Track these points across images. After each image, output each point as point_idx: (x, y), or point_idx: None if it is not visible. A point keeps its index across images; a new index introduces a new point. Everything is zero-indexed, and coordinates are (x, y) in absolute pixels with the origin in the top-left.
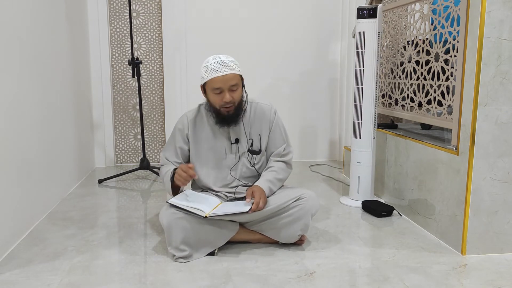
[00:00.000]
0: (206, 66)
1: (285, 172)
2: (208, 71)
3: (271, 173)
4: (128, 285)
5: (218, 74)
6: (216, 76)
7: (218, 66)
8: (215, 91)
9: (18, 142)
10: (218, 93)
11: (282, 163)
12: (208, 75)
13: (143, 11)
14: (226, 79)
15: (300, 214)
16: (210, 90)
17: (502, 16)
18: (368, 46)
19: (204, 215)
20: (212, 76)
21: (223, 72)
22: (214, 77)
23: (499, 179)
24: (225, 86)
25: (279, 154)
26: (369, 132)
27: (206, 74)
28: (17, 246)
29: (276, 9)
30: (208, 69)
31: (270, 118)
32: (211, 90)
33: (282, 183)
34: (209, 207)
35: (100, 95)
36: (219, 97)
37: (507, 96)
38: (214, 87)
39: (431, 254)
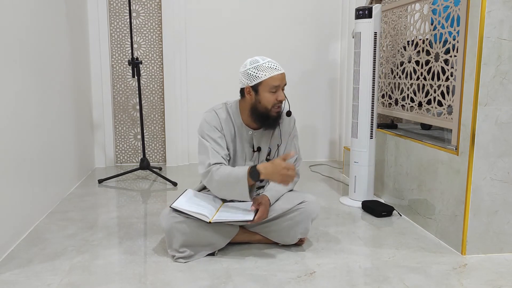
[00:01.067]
0: (258, 65)
1: (293, 183)
2: (264, 70)
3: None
4: (128, 285)
5: (278, 72)
6: (276, 74)
7: (274, 64)
8: (272, 90)
9: (18, 142)
10: (274, 91)
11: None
12: (266, 73)
13: (143, 11)
14: (283, 77)
15: (300, 218)
16: (266, 89)
17: (502, 16)
18: (364, 46)
19: (208, 220)
20: (272, 74)
21: (281, 70)
22: (274, 75)
23: (499, 179)
24: (282, 83)
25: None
26: (366, 132)
27: (261, 73)
28: (17, 246)
29: (276, 9)
30: (263, 67)
31: (290, 129)
32: (268, 88)
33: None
34: (211, 211)
35: (100, 95)
36: (273, 96)
37: (507, 96)
38: (273, 85)
39: (431, 254)
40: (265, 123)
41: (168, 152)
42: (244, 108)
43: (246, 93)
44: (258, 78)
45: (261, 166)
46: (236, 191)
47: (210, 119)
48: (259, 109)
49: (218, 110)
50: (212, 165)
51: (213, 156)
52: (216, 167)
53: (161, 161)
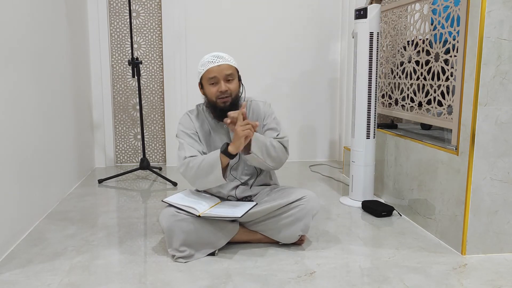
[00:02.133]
0: (201, 62)
1: (280, 151)
2: (203, 65)
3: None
4: (128, 285)
5: (213, 64)
6: (212, 66)
7: (213, 58)
8: (210, 82)
9: (18, 142)
10: (214, 83)
11: (280, 144)
12: (204, 67)
13: (143, 11)
14: (221, 69)
15: (300, 215)
16: (206, 83)
17: (502, 16)
18: (360, 46)
19: (197, 214)
20: (208, 67)
21: (217, 63)
22: (209, 68)
23: (499, 179)
24: (220, 75)
25: (274, 136)
26: (362, 131)
27: (201, 68)
28: (17, 246)
29: (276, 9)
30: (203, 62)
31: (264, 111)
32: (207, 81)
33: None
34: (205, 207)
35: (100, 95)
36: (215, 88)
37: (507, 96)
38: (210, 77)
39: (431, 254)
40: (221, 114)
41: (168, 152)
42: None
43: (200, 90)
44: (200, 74)
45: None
46: (211, 175)
47: (183, 121)
48: (210, 102)
49: (191, 112)
50: (187, 158)
51: (188, 150)
52: (192, 158)
53: (161, 161)
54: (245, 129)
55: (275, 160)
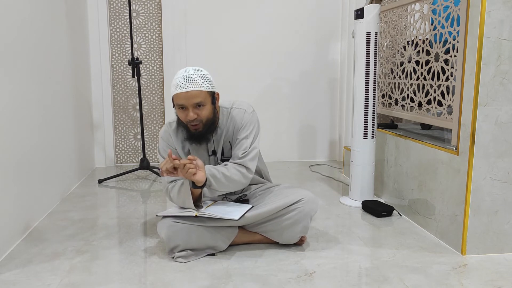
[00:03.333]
0: (174, 78)
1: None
2: (173, 85)
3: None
4: (128, 285)
5: (181, 90)
6: (179, 91)
7: (182, 81)
8: (179, 107)
9: (18, 142)
10: (182, 109)
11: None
12: (173, 89)
13: (143, 11)
14: (188, 96)
15: (299, 217)
16: (176, 105)
17: (502, 16)
18: (358, 46)
19: (194, 214)
20: (175, 92)
21: (186, 89)
22: (177, 93)
23: (499, 179)
24: (188, 103)
25: (237, 156)
26: (359, 131)
27: (172, 88)
28: (17, 246)
29: (276, 9)
30: (174, 83)
31: (242, 122)
32: (176, 105)
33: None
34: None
35: (100, 95)
36: (184, 114)
37: (507, 96)
38: (178, 103)
39: (431, 254)
40: (192, 138)
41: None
42: None
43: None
44: (171, 92)
45: None
46: (186, 204)
47: (162, 135)
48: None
49: (171, 123)
50: (168, 184)
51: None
52: (171, 185)
53: None
54: (185, 171)
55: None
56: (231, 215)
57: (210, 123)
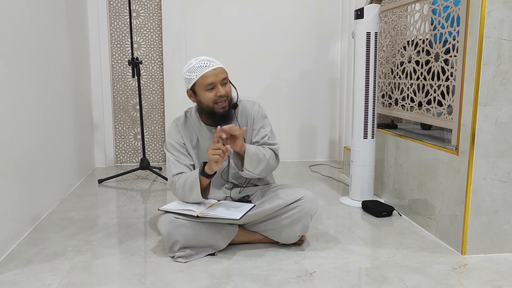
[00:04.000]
0: (190, 67)
1: (272, 161)
2: (195, 70)
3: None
4: (128, 285)
5: (208, 69)
6: (207, 71)
7: (205, 62)
8: (207, 87)
9: (18, 142)
10: (211, 88)
11: (271, 151)
12: (197, 73)
13: (143, 11)
14: (217, 73)
15: (299, 216)
16: (201, 89)
17: (502, 16)
18: (358, 46)
19: (195, 214)
20: (202, 72)
21: (212, 67)
22: (205, 73)
23: (499, 179)
24: (217, 79)
25: (264, 143)
26: (360, 131)
27: (193, 73)
28: (17, 246)
29: (276, 9)
30: (194, 68)
31: (254, 113)
32: (203, 87)
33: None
34: (201, 208)
35: (100, 95)
36: (212, 93)
37: (507, 96)
38: (207, 83)
39: (431, 254)
40: (216, 120)
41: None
42: (199, 109)
43: (189, 97)
44: (192, 80)
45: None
46: (193, 193)
47: (169, 131)
48: (205, 109)
49: (178, 119)
50: (174, 176)
51: (174, 166)
52: (177, 177)
53: (161, 161)
54: (214, 153)
55: (267, 171)
56: (232, 215)
57: (231, 101)
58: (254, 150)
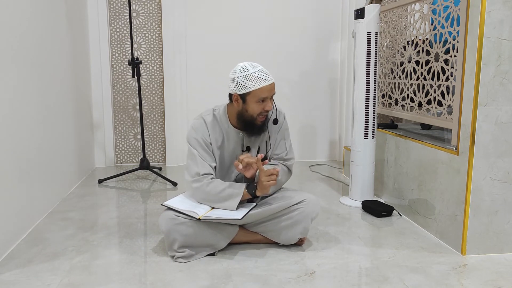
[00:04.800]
0: (248, 74)
1: (286, 176)
2: (253, 80)
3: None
4: (128, 285)
5: (267, 83)
6: (265, 85)
7: (264, 74)
8: (259, 100)
9: (18, 142)
10: (262, 101)
11: (285, 167)
12: (255, 84)
13: (143, 11)
14: (272, 88)
15: (300, 218)
16: (253, 99)
17: (502, 16)
18: (358, 46)
19: (197, 217)
20: (261, 85)
21: (270, 81)
22: (263, 86)
23: (499, 179)
24: (270, 94)
25: (281, 158)
26: (360, 131)
27: (251, 83)
28: (17, 246)
29: (276, 10)
30: (252, 77)
31: (278, 127)
32: (256, 99)
33: (280, 185)
34: (204, 209)
35: (100, 95)
36: (261, 106)
37: (507, 96)
38: (261, 96)
39: (431, 254)
40: (250, 130)
41: (168, 152)
42: (232, 112)
43: (234, 100)
44: (247, 88)
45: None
46: (226, 203)
47: (197, 126)
48: (245, 116)
49: (206, 117)
50: (201, 175)
51: (202, 165)
52: (209, 180)
53: (161, 161)
54: (270, 179)
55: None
56: (233, 215)
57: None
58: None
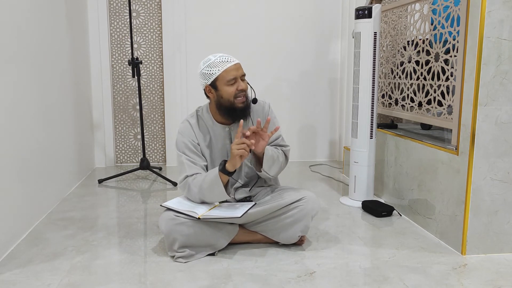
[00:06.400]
0: (210, 63)
1: (283, 160)
2: (216, 65)
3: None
4: (128, 285)
5: (230, 64)
6: (229, 65)
7: (225, 57)
8: (229, 82)
9: (18, 142)
10: (233, 83)
11: (282, 152)
12: (219, 68)
13: (143, 11)
14: (238, 67)
15: (300, 216)
16: (223, 83)
17: (502, 16)
18: (363, 46)
19: (197, 216)
20: (225, 67)
21: (233, 62)
22: (227, 67)
23: (499, 179)
24: (238, 74)
25: (277, 144)
26: (365, 132)
27: (214, 69)
28: (17, 246)
29: (276, 9)
30: (215, 63)
31: (265, 115)
32: (225, 82)
33: (278, 166)
34: (204, 209)
35: (100, 95)
36: (233, 88)
37: (507, 96)
38: (229, 78)
39: (431, 254)
40: (234, 116)
41: (168, 152)
42: (213, 107)
43: (208, 93)
44: (213, 75)
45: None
46: (214, 192)
47: (183, 130)
48: (224, 104)
49: (190, 119)
50: (188, 177)
51: (189, 168)
52: (192, 178)
53: (161, 161)
54: (239, 148)
55: (279, 171)
56: (233, 213)
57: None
58: (271, 153)
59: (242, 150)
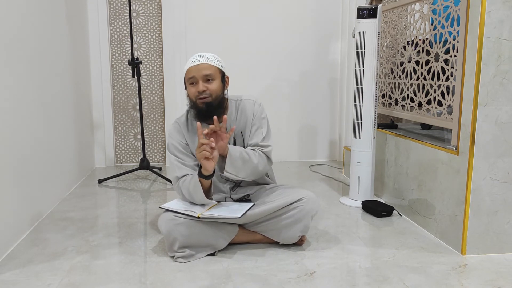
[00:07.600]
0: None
1: (263, 162)
2: (187, 64)
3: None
4: (128, 285)
5: (192, 64)
6: (190, 66)
7: (195, 58)
8: (190, 81)
9: (18, 142)
10: (193, 83)
11: (260, 152)
12: (185, 67)
13: (143, 11)
14: (199, 68)
15: (300, 216)
16: (187, 82)
17: (502, 16)
18: (368, 46)
19: (196, 215)
20: (187, 67)
21: (197, 62)
22: (189, 67)
23: (499, 179)
24: (198, 74)
25: (257, 144)
26: (369, 132)
27: (184, 68)
28: (17, 246)
29: (276, 9)
30: (187, 63)
31: (253, 112)
32: (187, 81)
33: (250, 168)
34: (202, 209)
35: (100, 95)
36: (194, 88)
37: (507, 96)
38: (189, 77)
39: (431, 254)
40: (200, 116)
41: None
42: None
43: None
44: (184, 74)
45: None
46: (198, 196)
47: (172, 132)
48: (191, 103)
49: (180, 119)
50: (179, 179)
51: (179, 169)
52: (182, 180)
53: (161, 161)
54: (200, 151)
55: (254, 175)
56: (233, 214)
57: (220, 99)
58: (239, 154)
59: (203, 152)
